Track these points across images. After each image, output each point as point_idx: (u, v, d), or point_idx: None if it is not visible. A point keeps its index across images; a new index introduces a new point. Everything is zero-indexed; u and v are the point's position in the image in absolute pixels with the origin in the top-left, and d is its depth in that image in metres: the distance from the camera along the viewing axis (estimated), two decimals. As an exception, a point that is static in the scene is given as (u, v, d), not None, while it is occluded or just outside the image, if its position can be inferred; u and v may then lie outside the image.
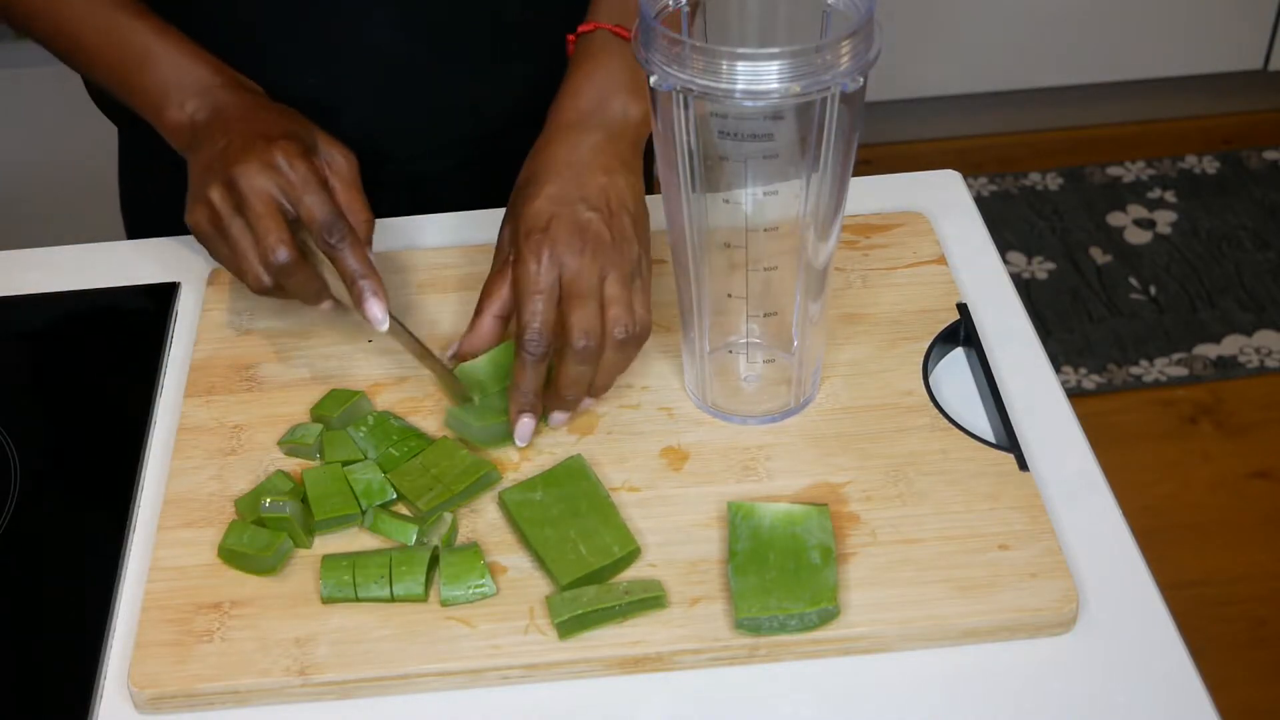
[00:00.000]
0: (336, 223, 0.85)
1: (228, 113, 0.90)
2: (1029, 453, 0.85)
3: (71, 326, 1.00)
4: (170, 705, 0.75)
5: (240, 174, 0.84)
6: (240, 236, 0.85)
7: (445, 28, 1.02)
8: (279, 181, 0.85)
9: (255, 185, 0.84)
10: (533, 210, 0.85)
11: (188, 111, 0.92)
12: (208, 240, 0.88)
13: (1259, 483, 1.99)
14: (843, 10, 0.76)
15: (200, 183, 0.87)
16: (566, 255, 0.83)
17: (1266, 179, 2.51)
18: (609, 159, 0.87)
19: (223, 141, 0.87)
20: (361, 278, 0.85)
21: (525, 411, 0.85)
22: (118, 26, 0.94)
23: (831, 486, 0.83)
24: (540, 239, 0.84)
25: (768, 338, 0.87)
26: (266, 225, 0.84)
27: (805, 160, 0.77)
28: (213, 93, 0.92)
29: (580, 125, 0.89)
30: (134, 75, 0.94)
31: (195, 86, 0.92)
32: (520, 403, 0.85)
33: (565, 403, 0.85)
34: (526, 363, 0.83)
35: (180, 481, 0.85)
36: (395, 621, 0.77)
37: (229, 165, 0.85)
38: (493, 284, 0.88)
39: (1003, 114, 2.60)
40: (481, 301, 0.88)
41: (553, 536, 0.79)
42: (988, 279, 0.98)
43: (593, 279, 0.83)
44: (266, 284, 0.85)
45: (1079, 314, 2.25)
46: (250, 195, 0.84)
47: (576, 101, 0.90)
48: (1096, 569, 0.79)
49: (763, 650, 0.75)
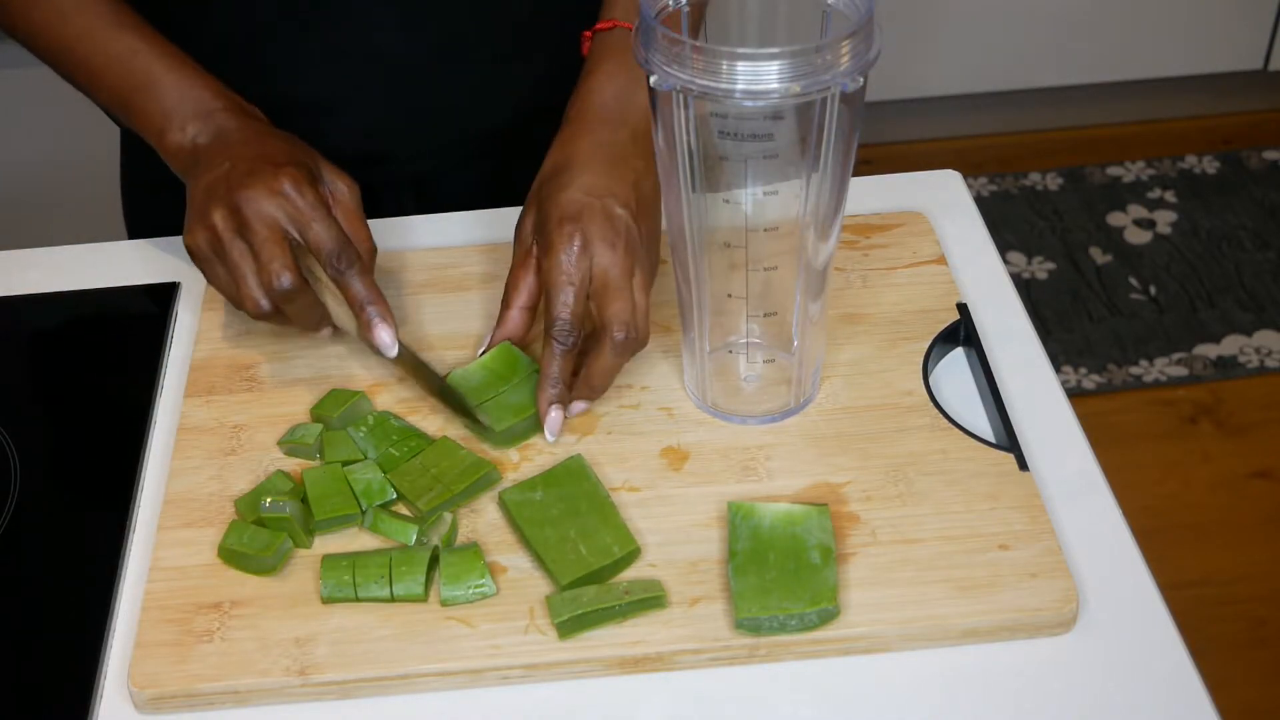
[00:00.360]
0: (345, 250, 0.84)
1: (231, 136, 0.90)
2: (1029, 453, 0.85)
3: (71, 326, 1.00)
4: (170, 705, 0.75)
5: (245, 199, 0.84)
6: (241, 260, 0.85)
7: (449, 29, 1.02)
8: (285, 207, 0.84)
9: (261, 210, 0.84)
10: (565, 199, 0.85)
11: (189, 134, 0.91)
12: (205, 263, 0.87)
13: (1259, 483, 1.99)
14: (843, 10, 0.76)
15: (202, 205, 0.86)
16: (599, 246, 0.83)
17: (1266, 179, 2.51)
18: (636, 158, 0.87)
19: (226, 165, 0.87)
20: (370, 304, 0.85)
21: (555, 403, 0.85)
22: (120, 47, 0.94)
23: (831, 486, 0.83)
24: (573, 228, 0.83)
25: (768, 338, 0.87)
26: (271, 251, 0.84)
27: (805, 160, 0.77)
28: (215, 116, 0.91)
29: (606, 121, 0.89)
30: (136, 97, 0.93)
31: (197, 110, 0.92)
32: (550, 394, 0.84)
33: (594, 392, 0.85)
34: (557, 353, 0.83)
35: (180, 481, 0.85)
36: (395, 621, 0.77)
37: (234, 189, 0.85)
38: (517, 276, 0.88)
39: (1003, 114, 2.60)
40: (508, 294, 0.88)
41: (553, 536, 0.79)
42: (988, 279, 0.98)
43: (626, 273, 0.83)
44: (265, 309, 0.85)
45: (1079, 314, 2.25)
46: (255, 220, 0.84)
47: (601, 98, 0.90)
48: (1096, 569, 0.79)
49: (763, 650, 0.75)
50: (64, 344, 0.99)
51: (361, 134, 1.04)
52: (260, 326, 0.94)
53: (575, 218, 0.84)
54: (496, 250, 1.00)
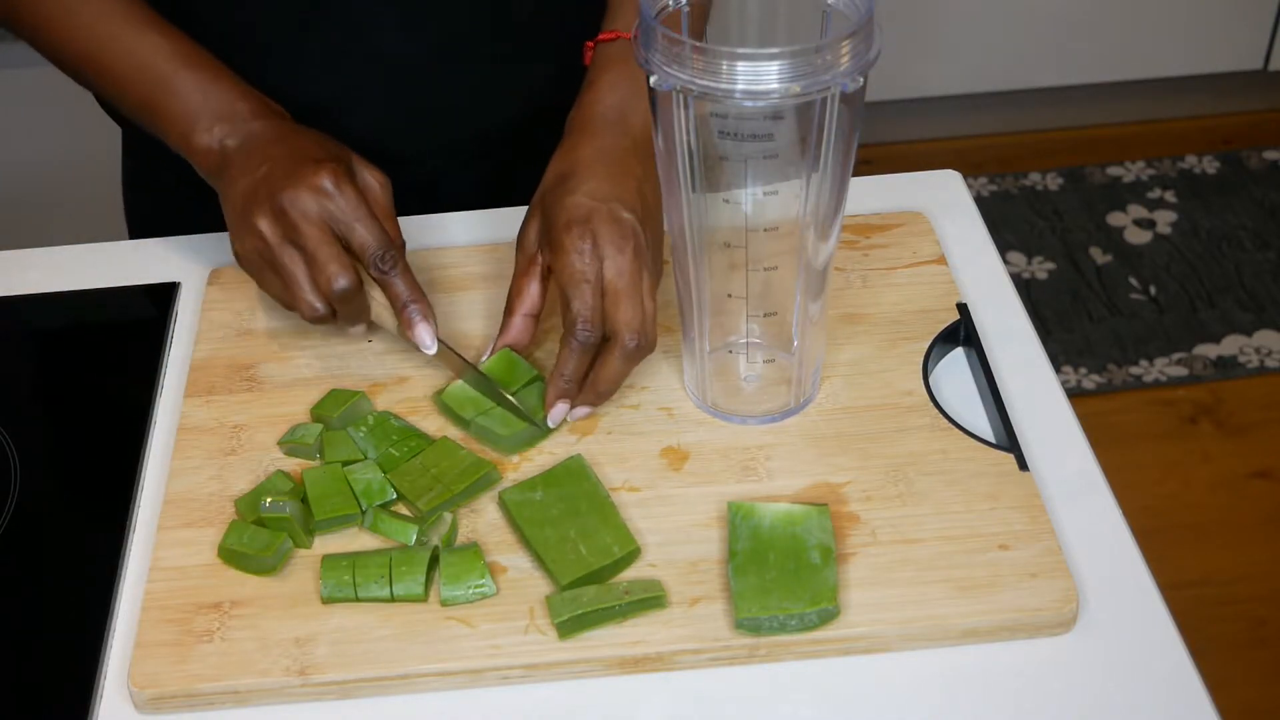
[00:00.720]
0: (389, 250, 0.85)
1: (262, 137, 0.89)
2: (1029, 453, 0.85)
3: (71, 326, 1.00)
4: (170, 705, 0.75)
5: (289, 200, 0.84)
6: (293, 265, 0.84)
7: (452, 31, 1.02)
8: (329, 206, 0.84)
9: (307, 211, 0.84)
10: (572, 204, 0.85)
11: (216, 137, 0.90)
12: (257, 272, 0.87)
13: (1259, 483, 1.99)
14: (843, 10, 0.76)
15: (245, 211, 0.86)
16: (609, 249, 0.83)
17: (1266, 179, 2.51)
18: (638, 165, 0.87)
19: (264, 168, 0.86)
20: (412, 302, 0.86)
21: (564, 397, 0.85)
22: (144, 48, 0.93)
23: (831, 486, 0.83)
24: (583, 231, 0.83)
25: (768, 338, 0.87)
26: (326, 253, 0.83)
27: (805, 160, 0.77)
28: (242, 119, 0.91)
29: (607, 130, 0.89)
30: (158, 99, 0.92)
31: (223, 112, 0.91)
32: (561, 389, 0.85)
33: (600, 397, 0.86)
34: (575, 351, 0.83)
35: (180, 481, 0.85)
36: (395, 621, 0.77)
37: (276, 192, 0.84)
38: (521, 283, 0.88)
39: (1003, 114, 2.60)
40: (511, 301, 0.88)
41: (553, 536, 0.79)
42: (988, 279, 0.98)
43: (636, 278, 0.83)
44: (321, 313, 0.85)
45: (1079, 314, 2.25)
46: (302, 222, 0.83)
47: (603, 108, 0.90)
48: (1096, 569, 0.79)
49: (763, 650, 0.75)
50: (64, 344, 0.99)
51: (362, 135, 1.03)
52: (260, 326, 0.94)
53: (585, 220, 0.84)
54: (498, 250, 1.00)
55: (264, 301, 0.96)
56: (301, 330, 0.94)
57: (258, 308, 0.96)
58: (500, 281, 0.97)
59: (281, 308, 0.91)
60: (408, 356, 0.92)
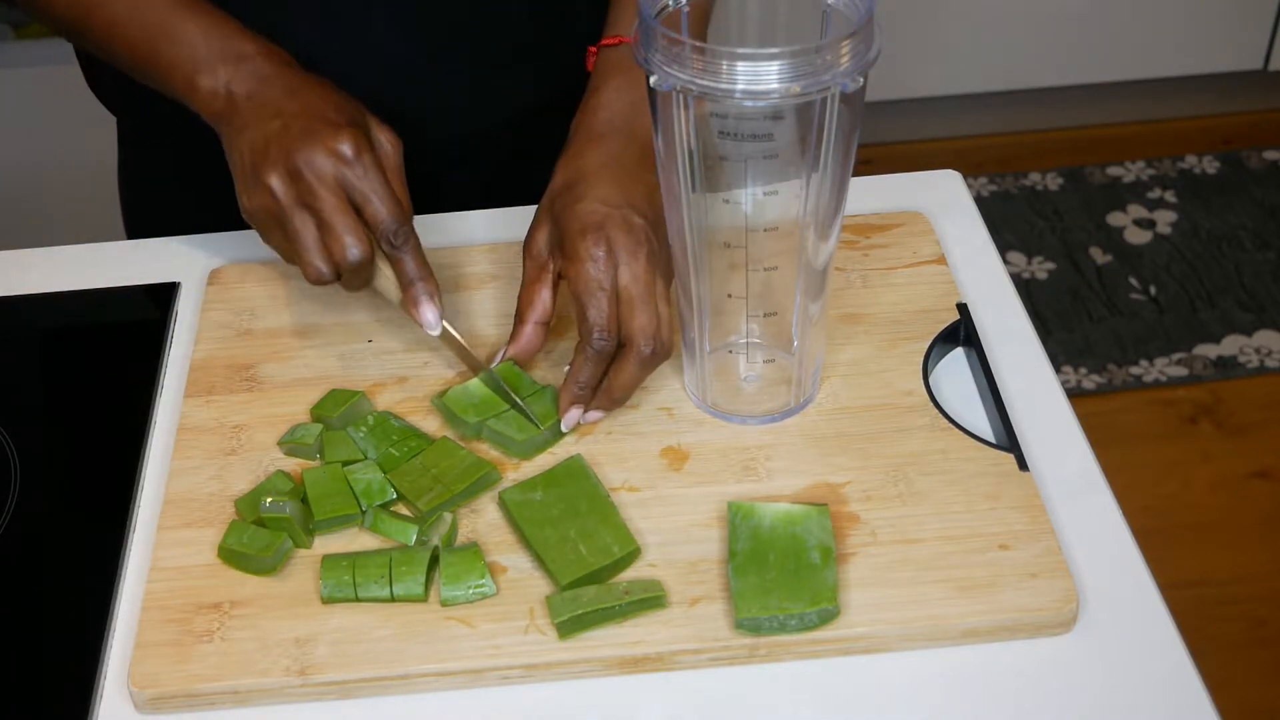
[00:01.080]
0: (402, 227, 0.84)
1: (273, 87, 0.88)
2: (1029, 453, 0.85)
3: (71, 327, 1.00)
4: (170, 705, 0.75)
5: (305, 161, 0.82)
6: (304, 228, 0.83)
7: (445, 29, 1.02)
8: (347, 174, 0.83)
9: (323, 176, 0.82)
10: (583, 210, 0.84)
11: (221, 80, 0.89)
12: (264, 228, 0.86)
13: (1259, 483, 1.99)
14: (843, 10, 0.76)
15: (256, 166, 0.84)
16: (624, 256, 0.83)
17: (1266, 179, 2.51)
18: (645, 171, 0.87)
19: (276, 123, 0.85)
20: (420, 280, 0.85)
21: (577, 403, 0.85)
22: None
23: (831, 486, 0.83)
24: (597, 237, 0.83)
25: (768, 338, 0.87)
26: (341, 222, 0.82)
27: (805, 160, 0.77)
28: (249, 61, 0.89)
29: (613, 136, 0.89)
30: (160, 46, 0.91)
31: (227, 54, 0.89)
32: (575, 395, 0.84)
33: (614, 403, 0.85)
34: (590, 358, 0.83)
35: (180, 481, 0.85)
36: (395, 621, 0.77)
37: (291, 150, 0.83)
38: (531, 291, 0.87)
39: (1003, 114, 2.60)
40: (522, 310, 0.87)
41: (553, 536, 0.79)
42: (988, 279, 0.98)
43: (650, 284, 0.83)
44: (326, 277, 0.84)
45: (1079, 314, 2.25)
46: (319, 186, 0.82)
47: (608, 113, 0.90)
48: (1096, 569, 0.79)
49: (763, 650, 0.75)
50: (64, 344, 0.99)
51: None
52: (260, 326, 0.94)
53: (599, 227, 0.83)
54: (496, 250, 1.00)
55: (264, 301, 0.96)
56: (302, 330, 0.94)
57: (257, 308, 0.96)
58: (500, 281, 0.97)
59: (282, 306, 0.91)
60: (408, 356, 0.92)
